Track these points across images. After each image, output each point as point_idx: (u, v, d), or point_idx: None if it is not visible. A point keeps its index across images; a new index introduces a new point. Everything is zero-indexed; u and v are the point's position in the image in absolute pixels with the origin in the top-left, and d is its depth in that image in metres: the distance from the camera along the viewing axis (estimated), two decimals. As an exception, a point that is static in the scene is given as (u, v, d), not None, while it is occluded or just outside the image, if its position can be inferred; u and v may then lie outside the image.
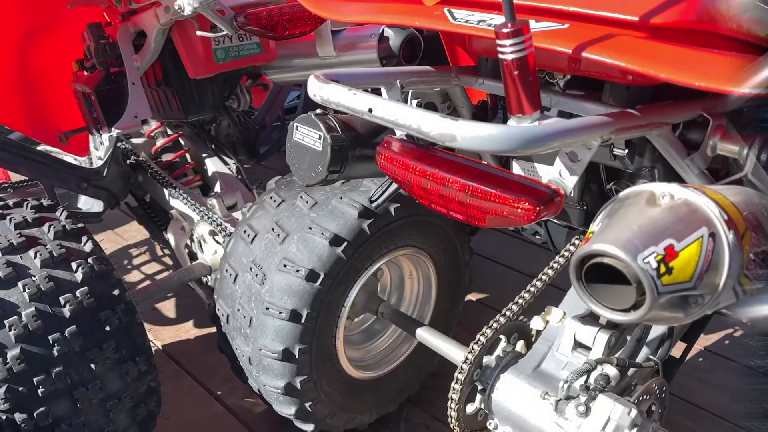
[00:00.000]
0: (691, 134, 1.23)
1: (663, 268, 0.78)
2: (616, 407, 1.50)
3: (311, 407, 2.09)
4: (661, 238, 0.80)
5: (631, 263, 0.78)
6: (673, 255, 0.79)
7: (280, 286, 1.93)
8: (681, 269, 0.79)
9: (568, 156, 1.00)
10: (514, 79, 0.88)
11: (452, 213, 1.15)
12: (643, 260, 0.78)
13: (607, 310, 0.84)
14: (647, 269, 0.77)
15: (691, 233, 0.81)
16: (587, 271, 0.82)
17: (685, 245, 0.80)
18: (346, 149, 1.28)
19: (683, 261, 0.79)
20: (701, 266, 0.80)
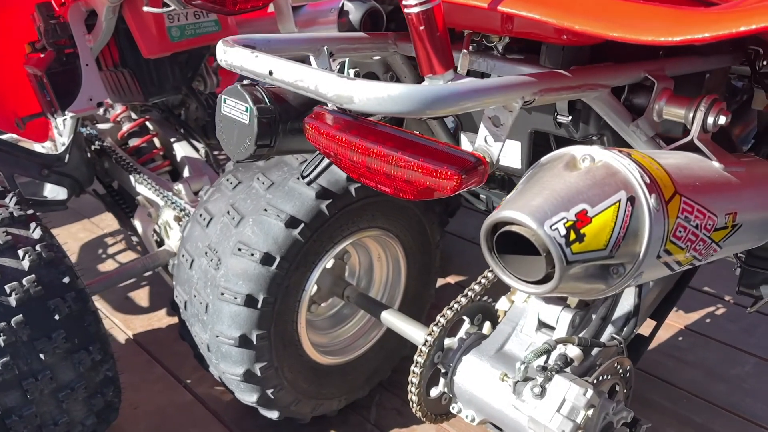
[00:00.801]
0: (637, 98, 1.16)
1: (573, 235, 0.71)
2: (571, 388, 1.44)
3: (274, 394, 2.03)
4: (574, 203, 0.73)
5: (538, 230, 0.71)
6: (586, 221, 0.72)
7: (235, 270, 1.87)
8: (594, 236, 0.72)
9: (491, 120, 0.93)
10: (421, 36, 0.81)
11: (380, 186, 1.09)
12: (550, 227, 0.71)
13: (519, 282, 0.78)
14: (554, 236, 0.71)
15: (607, 198, 0.74)
16: (502, 241, 0.76)
17: (599, 210, 0.73)
18: (275, 122, 1.21)
19: (596, 227, 0.73)
20: (617, 233, 0.74)
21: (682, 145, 1.09)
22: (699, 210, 0.86)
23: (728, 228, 0.97)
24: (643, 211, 0.76)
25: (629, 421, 1.67)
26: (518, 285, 0.78)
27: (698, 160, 1.01)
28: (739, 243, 1.08)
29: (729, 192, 0.98)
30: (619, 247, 0.74)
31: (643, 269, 0.79)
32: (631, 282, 0.80)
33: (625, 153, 0.82)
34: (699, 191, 0.88)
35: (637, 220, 0.75)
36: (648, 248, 0.76)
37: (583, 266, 0.73)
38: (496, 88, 0.82)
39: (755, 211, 1.08)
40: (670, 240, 0.80)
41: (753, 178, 1.12)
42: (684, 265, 0.92)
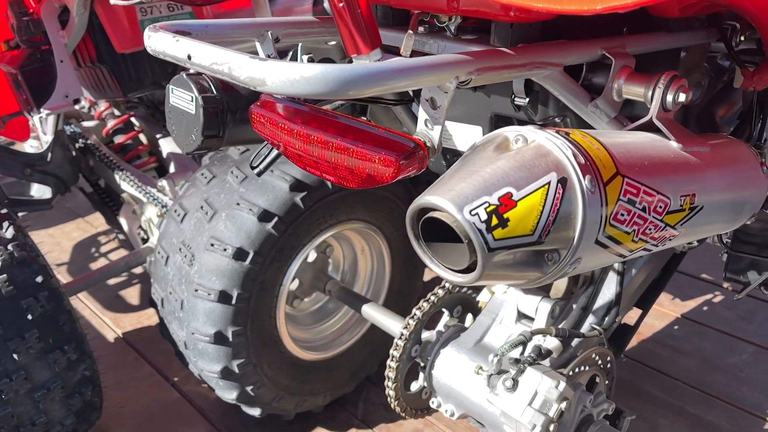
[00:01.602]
0: (597, 78, 1.11)
1: (495, 220, 0.67)
2: (543, 380, 1.40)
3: (254, 391, 2.00)
4: (498, 186, 0.69)
5: (456, 216, 0.67)
6: (510, 205, 0.68)
7: (208, 266, 1.83)
8: (519, 221, 0.68)
9: (428, 103, 0.88)
10: (341, 13, 0.77)
11: (325, 175, 1.05)
12: (470, 212, 0.66)
13: (446, 272, 0.73)
14: (474, 222, 0.66)
15: (536, 180, 0.69)
16: (428, 228, 0.72)
17: (525, 194, 0.68)
18: (223, 111, 1.17)
19: (522, 211, 0.68)
20: (546, 217, 0.69)
21: (643, 125, 1.04)
22: (646, 192, 0.81)
23: (685, 211, 0.92)
24: (575, 193, 0.71)
25: (611, 413, 1.62)
26: (446, 274, 0.73)
27: (655, 140, 0.96)
28: (702, 226, 1.02)
29: (686, 173, 0.93)
30: (549, 232, 0.69)
31: (581, 255, 0.74)
32: (570, 269, 0.75)
33: (562, 133, 0.77)
34: (647, 172, 0.83)
35: (569, 203, 0.70)
36: (583, 233, 0.71)
37: (510, 253, 0.68)
38: (423, 68, 0.77)
39: (719, 193, 1.02)
40: (610, 224, 0.75)
41: (719, 158, 1.07)
42: (636, 250, 0.87)
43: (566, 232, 0.71)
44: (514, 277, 0.73)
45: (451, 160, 1.58)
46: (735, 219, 1.15)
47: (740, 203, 1.12)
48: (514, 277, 0.73)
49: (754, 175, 1.16)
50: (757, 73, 1.31)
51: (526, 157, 0.72)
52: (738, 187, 1.09)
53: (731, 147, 1.15)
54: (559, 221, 0.70)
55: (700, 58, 1.56)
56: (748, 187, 1.13)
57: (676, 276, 3.07)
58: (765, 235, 1.66)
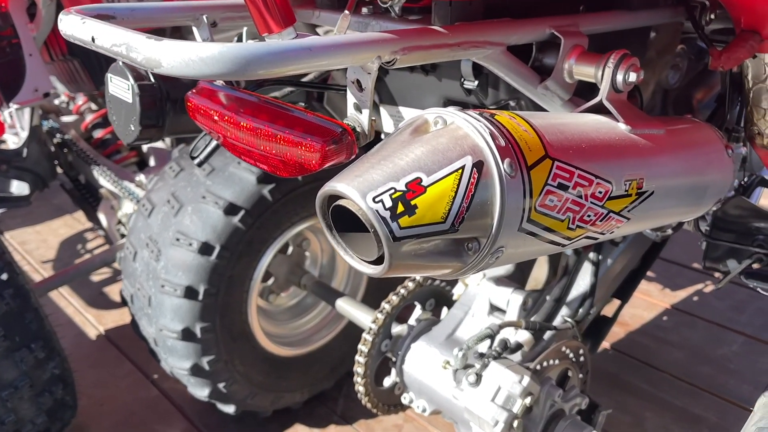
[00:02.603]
0: (548, 58, 1.05)
1: (401, 207, 0.62)
2: (506, 375, 1.35)
3: (226, 388, 1.97)
4: (408, 171, 0.64)
5: (359, 203, 0.62)
6: (419, 191, 0.63)
7: (174, 261, 1.79)
8: (429, 208, 0.63)
9: (354, 85, 0.83)
10: (247, -12, 0.72)
11: (258, 164, 1.00)
12: (373, 199, 0.62)
13: (359, 263, 0.69)
14: (378, 209, 0.61)
15: (449, 164, 0.64)
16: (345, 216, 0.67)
17: (436, 179, 0.63)
18: (161, 100, 1.13)
19: (431, 198, 0.63)
20: (459, 203, 0.64)
21: (594, 107, 0.99)
22: (582, 176, 0.76)
23: (631, 196, 0.87)
24: (492, 178, 0.66)
25: (584, 407, 1.57)
26: (359, 266, 0.69)
27: (600, 122, 0.90)
28: (657, 212, 0.97)
29: (632, 156, 0.88)
30: (463, 220, 0.64)
31: (503, 244, 0.69)
32: (493, 259, 0.70)
33: (487, 114, 0.72)
34: (584, 155, 0.78)
35: (485, 188, 0.65)
36: (502, 220, 0.66)
37: (421, 242, 0.63)
38: (337, 47, 0.72)
39: (674, 178, 0.97)
40: (537, 210, 0.70)
41: (675, 141, 1.01)
42: (576, 239, 0.82)
43: (483, 220, 0.66)
44: (431, 268, 0.68)
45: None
46: (697, 205, 1.09)
47: (701, 188, 1.07)
48: (432, 267, 0.68)
49: (717, 159, 1.11)
50: (725, 53, 1.25)
51: (441, 140, 0.67)
52: (697, 171, 1.04)
53: (692, 129, 1.10)
54: (474, 208, 0.65)
55: (673, 39, 1.50)
56: (709, 172, 1.08)
57: (667, 265, 3.01)
58: (744, 222, 1.60)
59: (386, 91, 1.30)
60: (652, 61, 1.49)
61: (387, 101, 1.32)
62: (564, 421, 1.44)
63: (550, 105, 1.07)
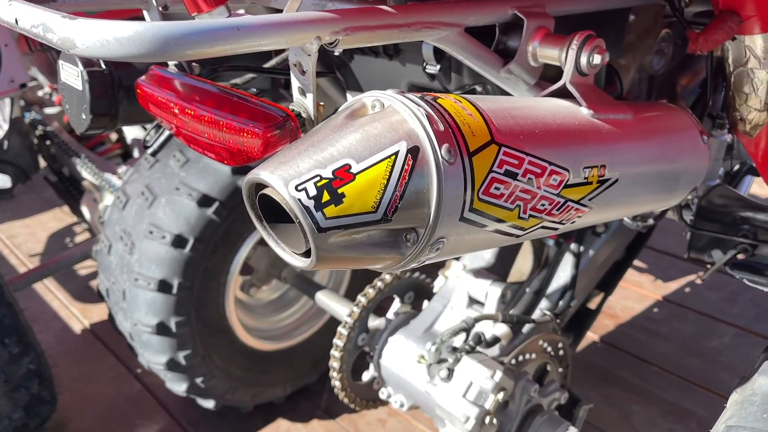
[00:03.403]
0: (512, 41, 1.01)
1: (326, 196, 0.57)
2: (478, 370, 1.31)
3: (204, 383, 1.93)
4: (337, 157, 0.60)
5: (281, 191, 0.58)
6: (347, 178, 0.58)
7: (148, 254, 1.76)
8: (358, 196, 0.59)
9: (296, 68, 0.79)
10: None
11: (206, 152, 0.96)
12: (296, 187, 0.58)
13: (290, 255, 0.65)
14: (301, 198, 0.57)
15: (381, 150, 0.60)
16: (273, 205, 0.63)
17: (366, 166, 0.59)
18: (113, 87, 1.09)
19: (361, 186, 0.59)
20: (392, 191, 0.60)
21: (558, 92, 0.94)
22: (533, 163, 0.72)
23: (592, 184, 0.82)
24: (428, 164, 0.61)
25: (563, 402, 1.53)
26: (290, 258, 0.65)
27: (560, 107, 0.86)
28: (624, 202, 0.93)
29: (593, 143, 0.83)
30: (396, 209, 0.60)
31: (444, 235, 0.65)
32: (434, 251, 0.66)
33: (429, 97, 0.68)
34: (537, 141, 0.73)
35: (420, 175, 0.61)
36: (440, 209, 0.62)
37: (352, 233, 0.59)
38: (269, 26, 0.68)
39: (641, 165, 0.92)
40: (480, 198, 0.66)
41: (644, 127, 0.96)
42: (531, 229, 0.77)
43: (420, 209, 0.62)
44: (367, 260, 0.64)
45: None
46: (670, 193, 1.05)
47: (673, 176, 1.02)
48: (368, 260, 0.64)
49: (690, 145, 1.06)
50: (703, 35, 1.20)
51: (374, 124, 0.62)
52: (668, 158, 0.99)
53: (664, 115, 1.05)
54: (408, 197, 0.61)
55: (654, 23, 1.46)
56: (682, 159, 1.03)
57: (659, 256, 2.97)
58: (728, 212, 1.56)
59: (352, 77, 1.26)
60: (632, 46, 1.45)
61: (353, 87, 1.28)
62: (540, 417, 1.40)
63: (515, 89, 1.03)
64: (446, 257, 0.73)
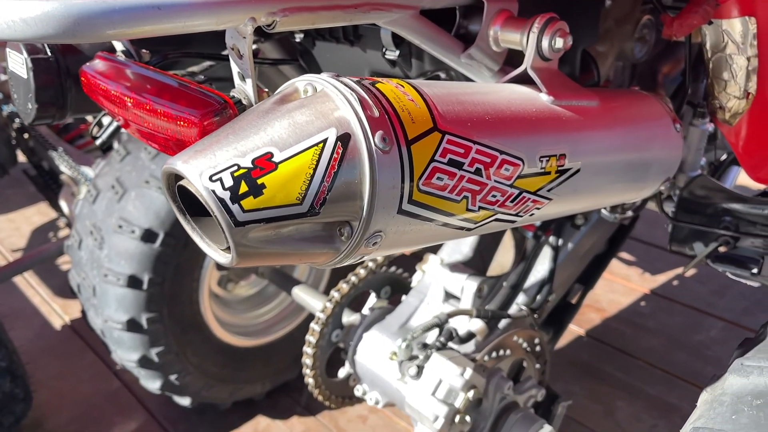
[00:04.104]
0: (473, 25, 0.96)
1: (244, 187, 0.53)
2: (447, 367, 1.27)
3: (179, 380, 1.89)
4: (258, 145, 0.55)
5: (194, 181, 0.53)
6: (268, 168, 0.54)
7: (117, 249, 1.71)
8: (280, 187, 0.54)
9: (234, 52, 0.75)
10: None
11: (150, 143, 0.92)
12: (210, 177, 0.53)
13: (213, 250, 0.61)
14: (215, 189, 0.53)
15: (308, 137, 0.56)
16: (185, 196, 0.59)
17: (290, 154, 0.55)
18: (60, 75, 1.04)
19: (283, 176, 0.54)
20: (319, 182, 0.55)
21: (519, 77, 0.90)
22: (482, 152, 0.67)
23: (550, 175, 0.78)
24: (360, 153, 0.57)
25: (540, 399, 1.49)
26: (214, 254, 0.61)
27: (517, 93, 0.81)
28: (588, 193, 0.88)
29: (551, 131, 0.79)
30: (324, 201, 0.56)
31: (381, 228, 0.60)
32: (371, 246, 0.62)
33: (367, 81, 0.63)
34: (487, 128, 0.69)
35: (351, 164, 0.57)
36: (374, 201, 0.58)
37: (276, 227, 0.55)
38: (195, 6, 0.63)
39: (606, 154, 0.88)
40: (420, 189, 0.62)
41: (610, 114, 0.92)
42: (482, 221, 0.73)
43: (352, 201, 0.58)
44: (298, 257, 0.60)
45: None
46: (640, 183, 1.00)
47: (642, 165, 0.98)
48: (298, 255, 0.60)
49: (662, 134, 1.02)
50: (678, 19, 1.16)
51: (303, 110, 0.58)
52: (636, 146, 0.95)
53: (634, 102, 1.01)
54: (338, 187, 0.57)
55: (632, 8, 1.41)
56: (652, 148, 0.99)
57: (648, 249, 2.93)
58: (710, 203, 1.51)
59: (315, 65, 1.21)
60: (610, 32, 1.40)
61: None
62: (515, 415, 1.36)
63: (478, 76, 0.98)
64: (389, 252, 0.68)
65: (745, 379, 0.84)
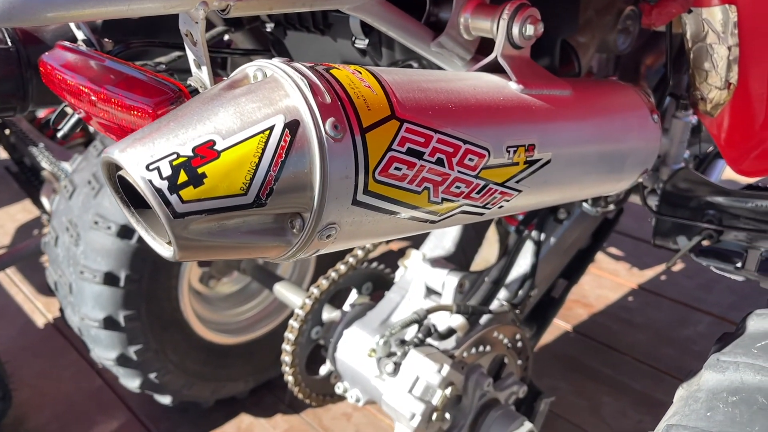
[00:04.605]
0: (443, 12, 0.94)
1: (183, 177, 0.50)
2: (424, 364, 1.25)
3: (159, 378, 1.86)
4: (200, 133, 0.53)
5: (130, 170, 0.51)
6: (209, 156, 0.51)
7: (93, 246, 1.68)
8: (222, 177, 0.51)
9: (188, 38, 0.72)
10: None
11: (109, 134, 0.89)
12: (147, 166, 0.51)
13: (159, 243, 0.58)
14: (152, 178, 0.50)
15: (253, 124, 0.53)
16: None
17: (234, 142, 0.52)
18: (20, 66, 1.01)
19: (226, 165, 0.52)
20: (264, 171, 0.53)
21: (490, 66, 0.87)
22: (444, 141, 0.65)
23: (518, 165, 0.76)
24: (309, 141, 0.54)
25: (522, 395, 1.47)
26: (159, 248, 0.58)
27: (484, 81, 0.79)
28: (561, 183, 0.86)
29: (519, 120, 0.76)
30: (271, 192, 0.53)
31: (334, 220, 0.58)
32: (324, 238, 0.59)
33: (321, 67, 0.61)
34: (450, 117, 0.67)
35: (300, 153, 0.54)
36: (325, 191, 0.55)
37: (221, 219, 0.52)
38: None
39: (578, 145, 0.86)
40: (376, 179, 0.59)
41: (585, 104, 0.89)
42: (446, 213, 0.71)
43: (302, 191, 0.55)
44: (247, 250, 0.57)
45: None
46: (616, 175, 0.98)
47: (618, 157, 0.95)
48: (247, 249, 0.57)
49: (638, 125, 0.99)
50: (656, 8, 1.14)
51: (250, 96, 0.55)
52: (611, 138, 0.93)
53: (610, 92, 0.99)
54: (286, 177, 0.54)
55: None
56: (627, 139, 0.96)
57: (636, 243, 2.91)
58: (693, 197, 1.49)
59: (286, 54, 1.18)
60: (591, 22, 1.37)
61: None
62: (495, 412, 1.34)
63: (450, 65, 0.96)
64: (347, 245, 0.66)
65: (721, 375, 0.82)
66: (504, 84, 0.81)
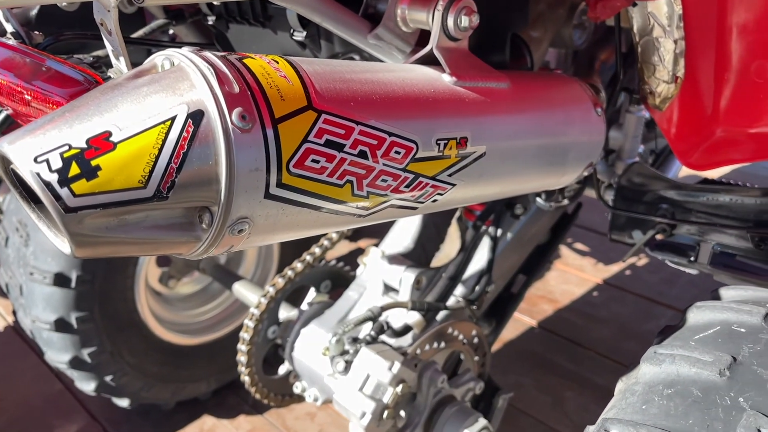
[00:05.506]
0: (381, 4, 0.92)
1: (75, 169, 0.48)
2: (375, 361, 1.23)
3: (115, 381, 1.83)
4: (96, 124, 0.50)
5: (18, 163, 0.49)
6: (105, 148, 0.49)
7: (43, 246, 1.65)
8: (119, 170, 0.50)
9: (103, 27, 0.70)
10: None
11: (33, 129, 0.86)
12: (35, 158, 0.48)
13: (58, 240, 0.56)
14: (40, 171, 0.48)
15: (154, 115, 0.51)
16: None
17: (132, 133, 0.50)
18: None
19: (123, 157, 0.50)
20: (165, 163, 0.51)
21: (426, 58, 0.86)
22: (366, 133, 0.63)
23: (450, 158, 0.74)
24: (214, 132, 0.52)
25: (479, 392, 1.47)
26: (60, 245, 0.56)
27: (416, 73, 0.78)
28: (498, 177, 0.85)
29: (450, 112, 0.75)
30: (172, 185, 0.51)
31: (246, 215, 0.56)
32: (236, 233, 0.57)
33: (234, 56, 0.59)
34: (374, 109, 0.65)
35: (204, 144, 0.52)
36: (233, 184, 0.53)
37: (119, 213, 0.50)
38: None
39: (515, 138, 0.85)
40: (290, 172, 0.57)
41: (523, 97, 0.89)
42: (375, 207, 0.69)
43: (207, 184, 0.53)
44: (153, 246, 0.55)
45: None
46: (558, 168, 0.97)
47: (559, 150, 0.95)
48: (153, 245, 0.55)
49: (581, 118, 0.99)
50: (601, 1, 1.13)
51: (153, 86, 0.53)
52: (550, 131, 0.92)
53: (551, 85, 0.98)
54: (189, 169, 0.52)
55: (568, -6, 1.38)
56: (569, 132, 0.96)
57: (602, 239, 2.92)
58: (646, 191, 1.50)
59: (229, 47, 1.16)
60: (542, 16, 1.37)
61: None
62: (449, 409, 1.33)
63: (389, 57, 0.94)
64: (266, 241, 0.64)
65: (658, 368, 0.82)
66: (436, 76, 0.79)
